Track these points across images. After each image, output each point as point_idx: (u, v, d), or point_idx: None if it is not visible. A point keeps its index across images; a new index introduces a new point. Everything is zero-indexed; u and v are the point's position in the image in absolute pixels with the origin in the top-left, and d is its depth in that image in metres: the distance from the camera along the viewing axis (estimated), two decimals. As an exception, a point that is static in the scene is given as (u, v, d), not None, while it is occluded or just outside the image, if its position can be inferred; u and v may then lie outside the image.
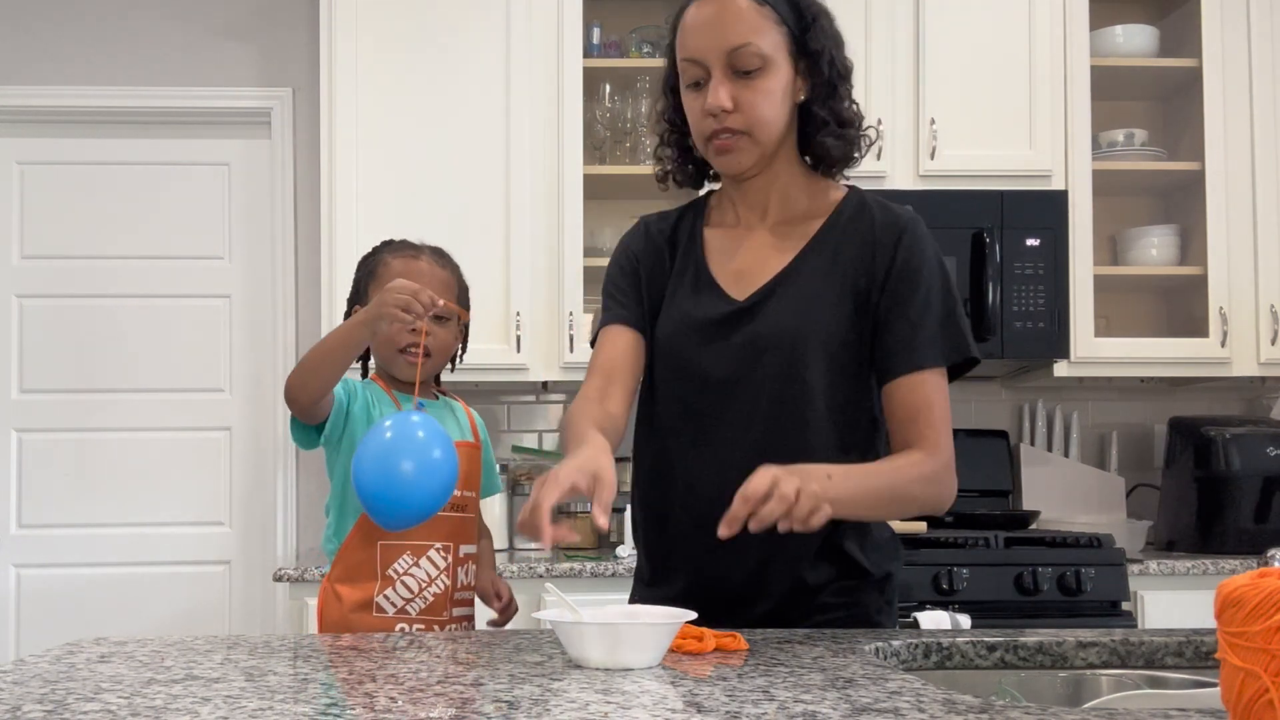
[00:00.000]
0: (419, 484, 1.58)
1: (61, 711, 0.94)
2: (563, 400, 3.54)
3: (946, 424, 1.49)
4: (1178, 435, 3.22)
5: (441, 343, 1.89)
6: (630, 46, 3.37)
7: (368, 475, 1.58)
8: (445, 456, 1.61)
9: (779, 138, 1.52)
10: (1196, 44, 3.26)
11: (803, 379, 1.49)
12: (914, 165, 3.18)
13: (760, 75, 1.47)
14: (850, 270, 1.51)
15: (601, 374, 1.57)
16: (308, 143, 3.48)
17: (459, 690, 1.03)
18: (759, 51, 1.45)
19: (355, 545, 1.82)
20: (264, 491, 3.55)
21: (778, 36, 1.47)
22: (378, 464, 1.58)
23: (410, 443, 1.58)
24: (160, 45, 3.55)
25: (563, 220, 3.14)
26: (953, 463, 1.49)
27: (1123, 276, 3.37)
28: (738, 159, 1.51)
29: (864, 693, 1.00)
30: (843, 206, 1.56)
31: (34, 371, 3.54)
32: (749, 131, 1.48)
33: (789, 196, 1.57)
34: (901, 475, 1.46)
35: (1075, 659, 1.32)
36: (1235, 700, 0.76)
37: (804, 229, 1.56)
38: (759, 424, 1.49)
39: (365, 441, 1.62)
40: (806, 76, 1.51)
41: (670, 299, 1.58)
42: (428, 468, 1.58)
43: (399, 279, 1.71)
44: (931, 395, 1.48)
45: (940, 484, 1.48)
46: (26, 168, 3.58)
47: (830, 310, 1.50)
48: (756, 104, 1.47)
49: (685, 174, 1.64)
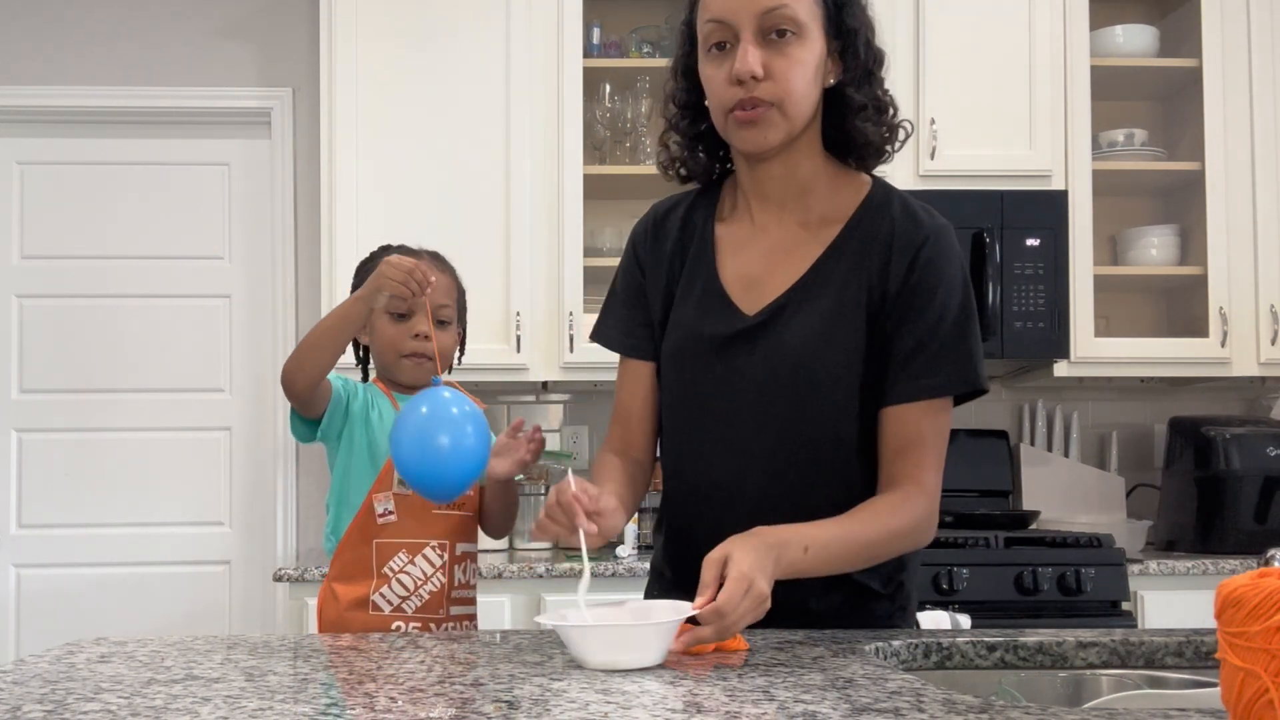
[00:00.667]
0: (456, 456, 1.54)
1: (61, 711, 0.94)
2: (563, 400, 3.54)
3: (938, 460, 1.41)
4: (1178, 435, 3.22)
5: (443, 346, 1.90)
6: (630, 46, 3.37)
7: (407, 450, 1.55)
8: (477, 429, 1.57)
9: (807, 118, 1.40)
10: (1196, 44, 3.26)
11: (813, 411, 1.41)
12: (914, 165, 3.17)
13: (795, 43, 1.35)
14: (866, 282, 1.41)
15: (621, 421, 1.55)
16: (308, 143, 3.48)
17: (459, 690, 1.03)
18: (794, 16, 1.34)
19: (352, 543, 1.82)
20: (264, 491, 3.54)
21: (814, 6, 1.38)
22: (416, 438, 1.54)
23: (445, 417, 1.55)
24: (160, 45, 3.55)
25: (563, 220, 3.14)
26: (937, 502, 1.41)
27: (1123, 276, 3.37)
28: (763, 133, 1.38)
29: (864, 693, 0.99)
30: (865, 205, 1.45)
31: (34, 371, 3.54)
32: (778, 104, 1.36)
33: (809, 190, 1.45)
34: (883, 531, 1.37)
35: (1075, 659, 1.32)
36: (1235, 700, 0.76)
37: (823, 232, 1.44)
38: (762, 459, 1.42)
39: (401, 418, 1.58)
40: (839, 58, 1.41)
41: (678, 306, 1.50)
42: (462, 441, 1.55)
43: (394, 254, 1.72)
44: (925, 429, 1.39)
45: (921, 531, 1.40)
46: (26, 168, 3.58)
47: (848, 327, 1.40)
48: (790, 73, 1.35)
49: (694, 163, 1.53)
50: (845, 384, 1.41)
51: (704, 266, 1.49)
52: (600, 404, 3.51)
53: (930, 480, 1.40)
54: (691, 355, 1.47)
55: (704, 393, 1.46)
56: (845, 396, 1.41)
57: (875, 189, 1.48)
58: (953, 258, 1.42)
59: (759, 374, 1.42)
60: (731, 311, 1.45)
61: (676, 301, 1.50)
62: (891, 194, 1.47)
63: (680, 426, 1.50)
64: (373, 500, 1.82)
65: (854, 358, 1.40)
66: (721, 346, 1.44)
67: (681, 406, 1.50)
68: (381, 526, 1.82)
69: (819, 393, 1.41)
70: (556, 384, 3.34)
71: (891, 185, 1.50)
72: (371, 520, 1.82)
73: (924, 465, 1.39)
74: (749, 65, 1.34)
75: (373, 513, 1.82)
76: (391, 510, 1.81)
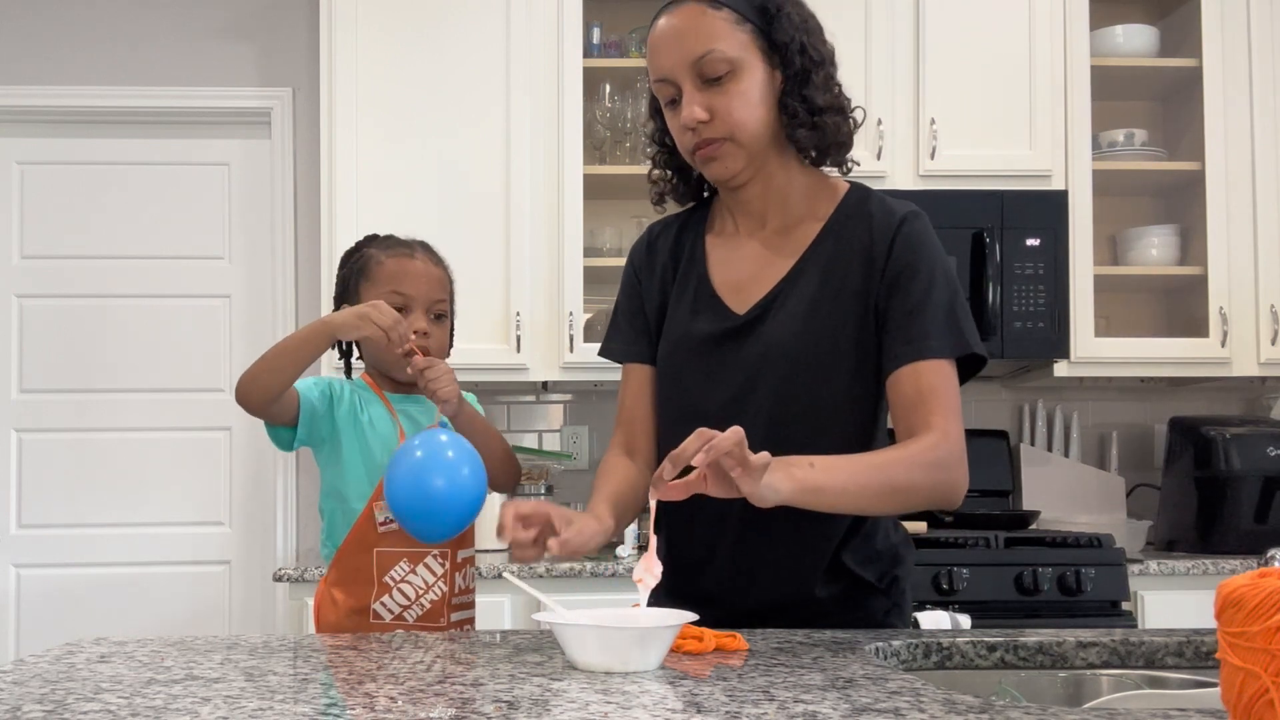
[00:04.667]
0: (451, 500, 1.57)
1: (61, 711, 0.94)
2: (563, 400, 3.54)
3: (955, 412, 1.40)
4: (1178, 435, 3.22)
5: (439, 343, 1.87)
6: (630, 46, 3.37)
7: (401, 494, 1.57)
8: (474, 471, 1.59)
9: (763, 137, 1.47)
10: (1196, 44, 3.26)
11: (804, 398, 1.45)
12: (914, 165, 3.17)
13: (731, 79, 1.44)
14: (852, 271, 1.47)
15: (625, 425, 1.61)
16: (308, 143, 3.48)
17: (459, 690, 1.03)
18: (723, 56, 1.43)
19: (351, 550, 1.78)
20: (264, 491, 3.54)
21: (743, 36, 1.44)
22: (410, 482, 1.56)
23: (440, 461, 1.57)
24: (161, 45, 3.55)
25: (563, 220, 3.14)
26: (963, 451, 1.39)
27: (1123, 276, 3.37)
28: (725, 165, 1.47)
29: (864, 693, 0.99)
30: (842, 206, 1.52)
31: (34, 371, 3.54)
32: (729, 136, 1.45)
33: (787, 200, 1.53)
34: (902, 463, 1.36)
35: (1075, 659, 1.32)
36: (1235, 700, 0.76)
37: (802, 234, 1.52)
38: (756, 442, 1.42)
39: (395, 461, 1.60)
40: (781, 70, 1.47)
41: (672, 314, 1.57)
42: (458, 484, 1.57)
43: (381, 303, 1.71)
44: (934, 383, 1.40)
45: (948, 470, 1.38)
46: (26, 168, 3.58)
47: (833, 318, 1.46)
48: (731, 108, 1.44)
49: (680, 193, 1.62)
50: (834, 367, 1.45)
51: (695, 275, 1.56)
52: (600, 404, 3.51)
53: (950, 427, 1.39)
54: (685, 355, 1.53)
55: (696, 388, 1.51)
56: (836, 379, 1.46)
57: (852, 190, 1.55)
58: (929, 237, 1.47)
59: (750, 363, 1.48)
60: (722, 311, 1.52)
61: (670, 308, 1.58)
62: (868, 193, 1.54)
63: (674, 424, 1.52)
64: (373, 509, 1.78)
65: (844, 343, 1.45)
66: (714, 344, 1.50)
67: (674, 405, 1.54)
68: (382, 535, 1.78)
69: (809, 374, 1.45)
70: (556, 384, 3.34)
71: (867, 186, 1.56)
72: (371, 528, 1.78)
73: (939, 413, 1.39)
74: (693, 114, 1.45)
75: (373, 521, 1.78)
76: (392, 519, 1.78)
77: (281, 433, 1.80)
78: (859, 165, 1.61)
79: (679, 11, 1.46)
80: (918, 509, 1.41)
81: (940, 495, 1.40)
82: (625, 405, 1.62)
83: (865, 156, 1.60)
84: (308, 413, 1.77)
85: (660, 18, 1.48)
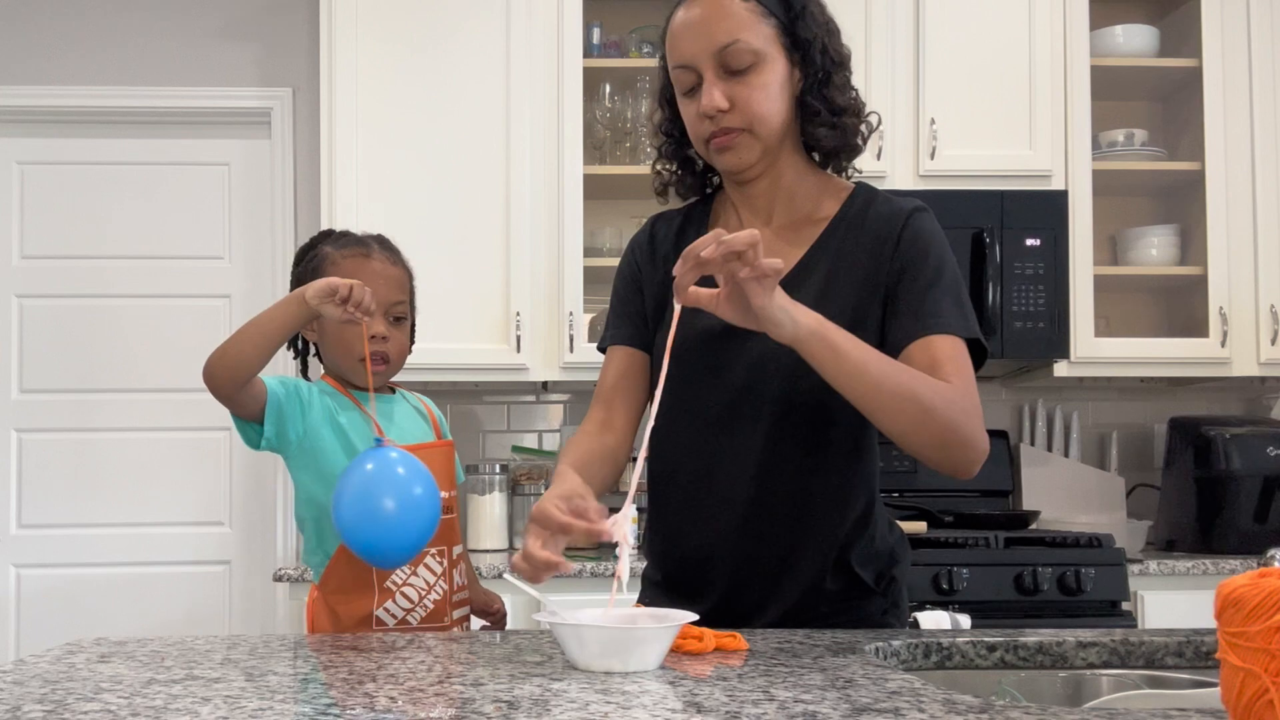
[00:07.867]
0: (403, 523, 1.51)
1: (61, 711, 0.94)
2: (563, 400, 3.54)
3: (972, 381, 1.38)
4: (1178, 435, 3.22)
5: (399, 346, 1.82)
6: (630, 46, 3.37)
7: (349, 517, 1.51)
8: (427, 492, 1.54)
9: (780, 132, 1.48)
10: (1196, 44, 3.26)
11: (808, 394, 1.43)
12: (914, 165, 3.18)
13: (754, 71, 1.43)
14: (859, 266, 1.46)
15: (602, 402, 1.57)
16: (308, 143, 3.48)
17: (459, 690, 1.03)
18: (749, 47, 1.42)
19: (347, 558, 1.70)
20: (264, 491, 3.55)
21: (767, 29, 1.44)
22: (359, 506, 1.51)
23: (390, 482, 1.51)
24: (160, 45, 3.55)
25: (563, 220, 3.14)
26: (979, 411, 1.37)
27: (1123, 276, 3.37)
28: (739, 155, 1.47)
29: (864, 693, 0.99)
30: (848, 204, 1.52)
31: (34, 371, 3.54)
32: (748, 128, 1.45)
33: (794, 197, 1.53)
34: (928, 383, 1.33)
35: (1075, 659, 1.32)
36: (1235, 700, 0.76)
37: (808, 230, 1.51)
38: (760, 438, 1.46)
39: (343, 481, 1.53)
40: (801, 67, 1.47)
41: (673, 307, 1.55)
42: (410, 506, 1.52)
43: (334, 242, 1.66)
44: (949, 352, 1.38)
45: (968, 417, 1.35)
46: (26, 168, 3.58)
47: (838, 303, 1.44)
48: (752, 100, 1.44)
49: (685, 186, 1.62)
50: None
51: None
52: (600, 404, 3.50)
53: (969, 389, 1.37)
54: (687, 350, 1.49)
55: (699, 383, 1.50)
56: None
57: (858, 189, 1.55)
58: (935, 229, 1.48)
59: (753, 359, 1.47)
60: None
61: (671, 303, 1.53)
62: (874, 192, 1.54)
63: (675, 419, 1.50)
64: None
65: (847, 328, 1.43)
66: (717, 339, 1.49)
67: (677, 400, 1.50)
68: None
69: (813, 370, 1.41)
70: (556, 384, 3.34)
71: (873, 186, 1.56)
72: None
73: (956, 376, 1.37)
74: (714, 102, 1.44)
75: None
76: None
77: (249, 429, 1.72)
78: (859, 172, 1.61)
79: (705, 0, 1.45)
80: (926, 446, 1.36)
81: (956, 440, 1.35)
82: (606, 384, 1.58)
83: (865, 156, 1.60)
84: (274, 408, 1.69)
85: (684, 4, 1.47)
